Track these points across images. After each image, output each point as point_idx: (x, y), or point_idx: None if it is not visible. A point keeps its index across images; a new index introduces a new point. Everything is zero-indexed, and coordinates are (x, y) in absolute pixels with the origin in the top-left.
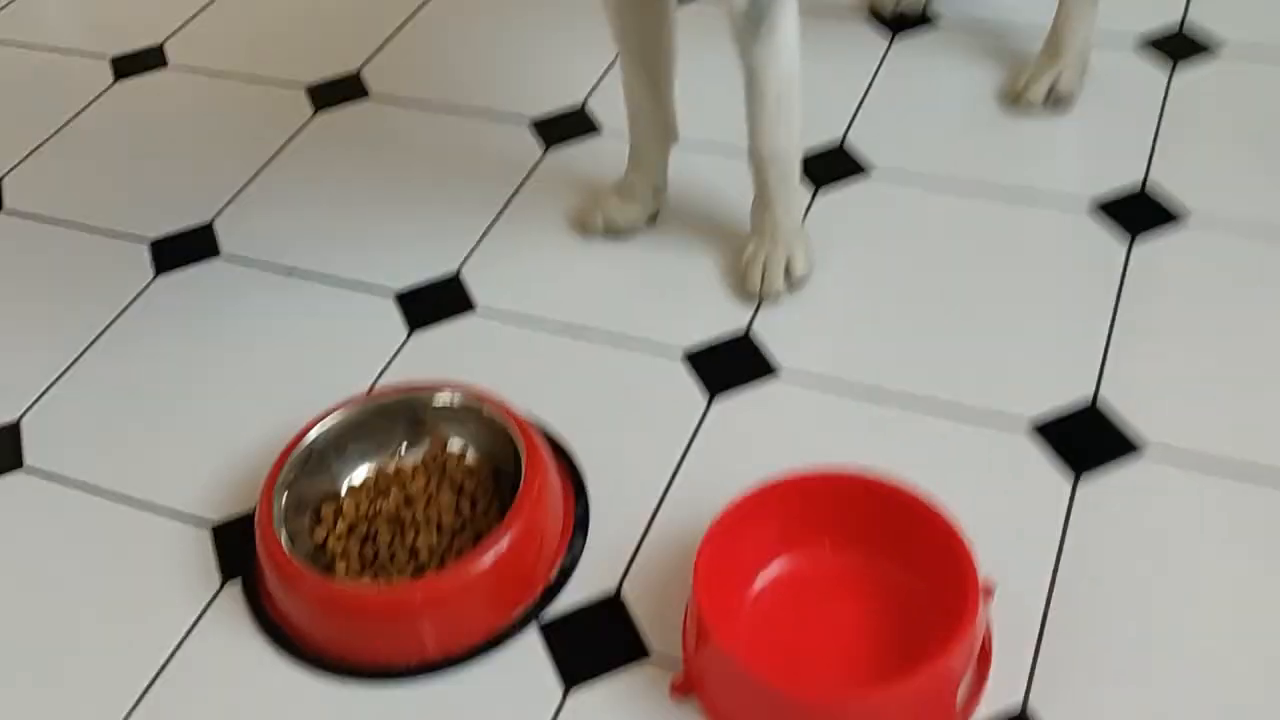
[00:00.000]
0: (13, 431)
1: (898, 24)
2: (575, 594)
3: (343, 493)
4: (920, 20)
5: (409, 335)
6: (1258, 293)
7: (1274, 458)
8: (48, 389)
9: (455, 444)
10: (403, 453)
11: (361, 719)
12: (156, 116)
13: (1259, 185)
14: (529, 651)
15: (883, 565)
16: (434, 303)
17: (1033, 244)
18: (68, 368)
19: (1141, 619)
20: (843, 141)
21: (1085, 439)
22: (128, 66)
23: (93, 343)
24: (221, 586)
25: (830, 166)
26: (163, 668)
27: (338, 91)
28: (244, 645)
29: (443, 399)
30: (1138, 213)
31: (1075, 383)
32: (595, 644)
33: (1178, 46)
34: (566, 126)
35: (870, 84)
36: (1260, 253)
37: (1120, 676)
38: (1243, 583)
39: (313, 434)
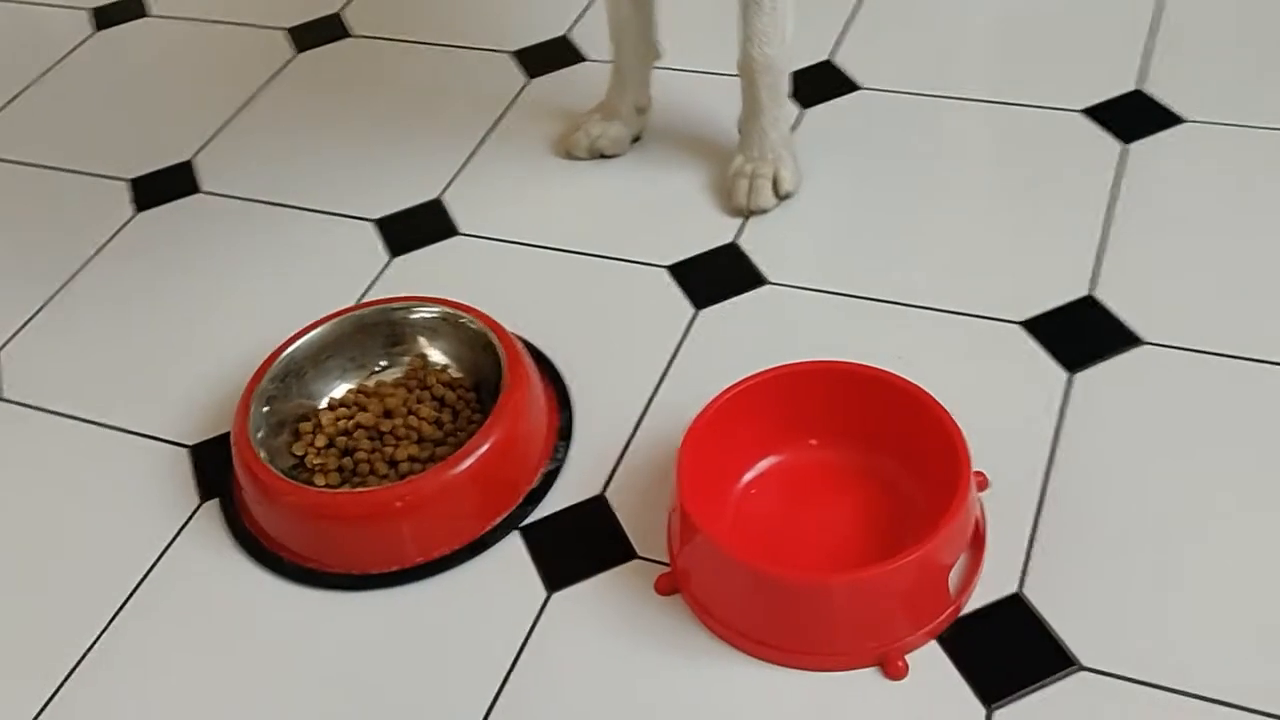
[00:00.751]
0: None
1: None
2: (559, 500)
3: (321, 409)
4: None
5: (390, 260)
6: (1253, 190)
7: (1269, 351)
8: (26, 323)
9: (436, 357)
10: (382, 368)
11: (343, 625)
12: (137, 64)
13: (1254, 83)
14: (512, 556)
15: (873, 459)
16: (415, 228)
17: (1024, 147)
18: (46, 302)
19: (1135, 509)
20: (830, 57)
21: (1080, 333)
22: (108, 16)
23: (72, 277)
24: (200, 505)
25: (818, 83)
26: (140, 582)
27: (319, 33)
28: (223, 559)
29: (422, 312)
30: (1132, 114)
31: (1070, 280)
32: (579, 547)
33: None
34: (549, 56)
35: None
36: (1255, 150)
37: (1114, 564)
38: (1236, 474)
39: (291, 348)
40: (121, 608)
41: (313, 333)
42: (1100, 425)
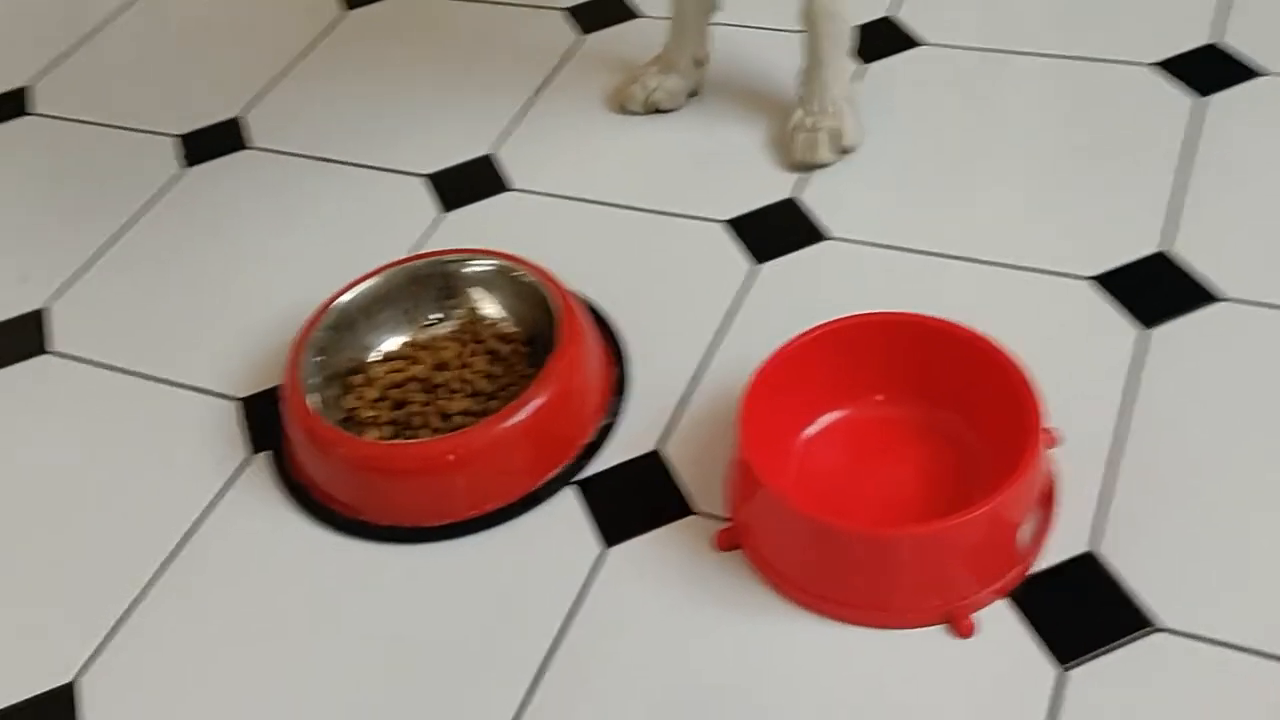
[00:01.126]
0: (36, 318)
1: None
2: (615, 455)
3: (371, 361)
4: None
5: (441, 215)
6: None
7: None
8: (75, 277)
9: (489, 311)
10: (435, 321)
11: (395, 578)
12: (186, 21)
13: None
14: (567, 510)
15: (939, 414)
16: (466, 183)
17: (1093, 102)
18: (95, 257)
19: (1211, 467)
20: (891, 13)
21: (1153, 289)
22: None
23: (121, 232)
24: (249, 458)
25: (879, 40)
26: (189, 533)
27: None
28: (273, 511)
29: (477, 265)
30: (1207, 69)
31: (1141, 235)
32: (635, 502)
33: None
34: (602, 12)
35: None
36: None
37: (1191, 523)
38: None
39: (342, 299)
40: (171, 558)
41: (365, 284)
42: (1175, 382)
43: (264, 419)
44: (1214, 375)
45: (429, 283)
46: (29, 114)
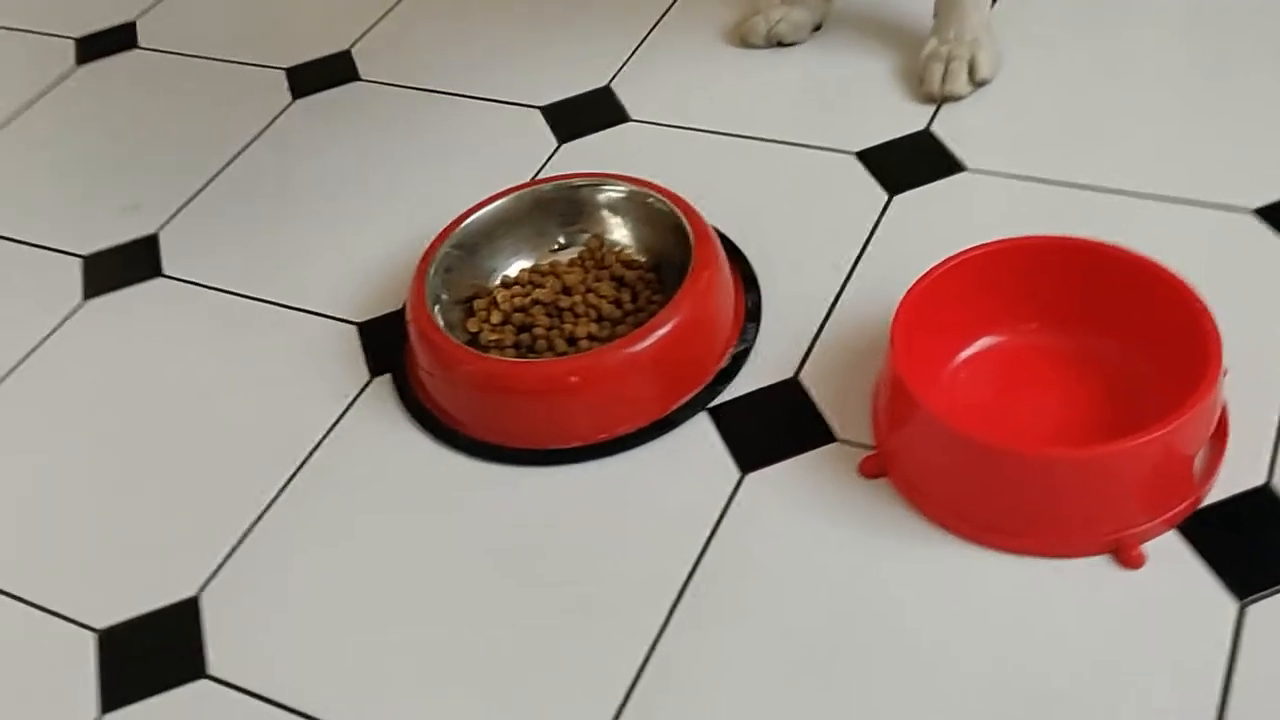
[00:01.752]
0: (150, 242)
1: None
2: (749, 382)
3: (495, 286)
4: None
5: (558, 146)
6: None
7: None
8: (186, 204)
9: (616, 236)
10: (560, 246)
11: (524, 500)
12: None
13: None
14: (701, 436)
15: (1100, 343)
16: (584, 114)
17: (1240, 20)
18: (205, 185)
19: None
20: None
21: None
22: None
23: (230, 162)
24: (370, 381)
25: None
26: (311, 452)
27: None
28: (396, 432)
29: (607, 190)
30: None
31: None
32: (773, 429)
33: None
34: None
35: None
36: None
37: None
38: None
39: (466, 222)
40: (293, 478)
41: (489, 207)
42: None
43: (383, 343)
44: None
45: (554, 208)
46: (137, 48)
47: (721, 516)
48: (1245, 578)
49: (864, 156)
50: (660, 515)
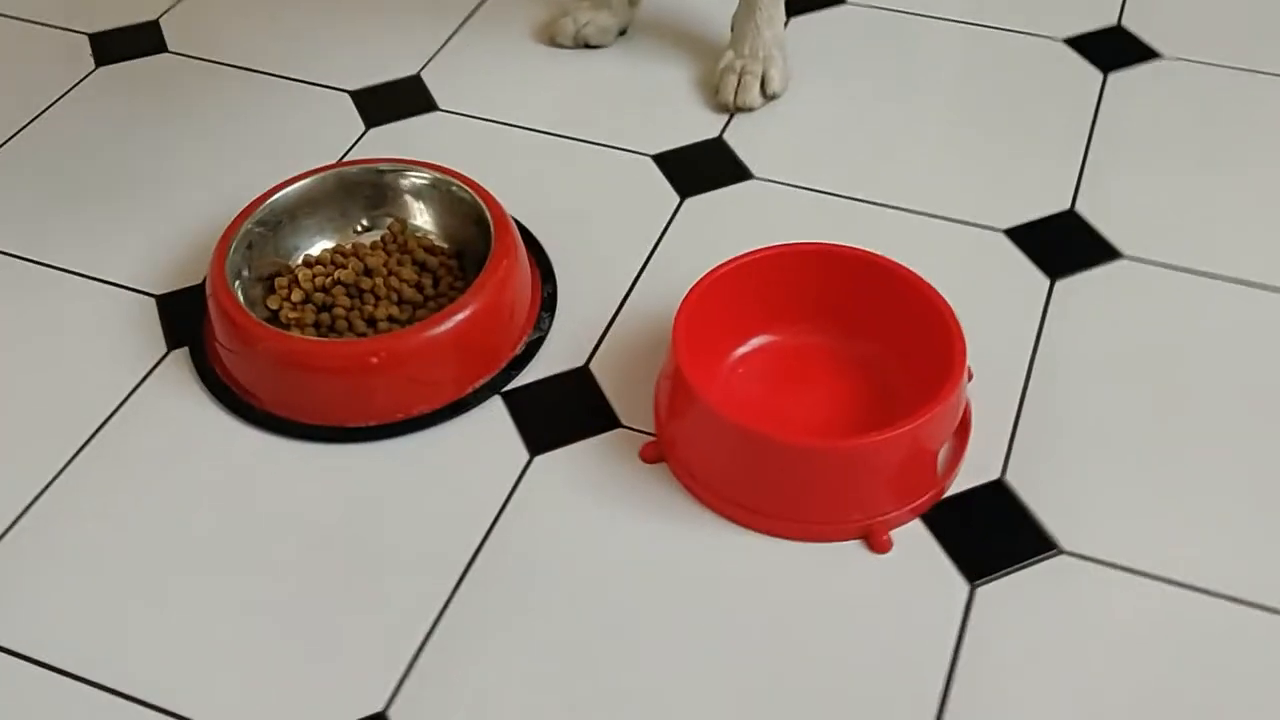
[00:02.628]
0: None
1: None
2: (542, 368)
3: (296, 265)
4: None
5: (366, 131)
6: (1227, 123)
7: (1237, 269)
8: None
9: (419, 222)
10: (363, 228)
11: (318, 476)
12: None
13: (1230, 25)
14: (494, 419)
15: (862, 344)
16: (393, 101)
17: (1010, 71)
18: None
19: (1114, 405)
20: None
21: (1061, 244)
22: None
23: (26, 126)
24: (167, 354)
25: None
26: (103, 425)
27: None
28: (192, 405)
29: (409, 175)
30: (1112, 48)
31: (1052, 196)
32: (562, 414)
33: None
34: None
35: None
36: (1230, 87)
37: (1091, 457)
38: (1207, 377)
39: (271, 199)
40: (83, 448)
41: (293, 186)
42: (1081, 327)
43: (181, 316)
44: (1115, 324)
45: (359, 190)
46: None
47: (509, 496)
48: (977, 563)
49: (660, 159)
50: (450, 493)
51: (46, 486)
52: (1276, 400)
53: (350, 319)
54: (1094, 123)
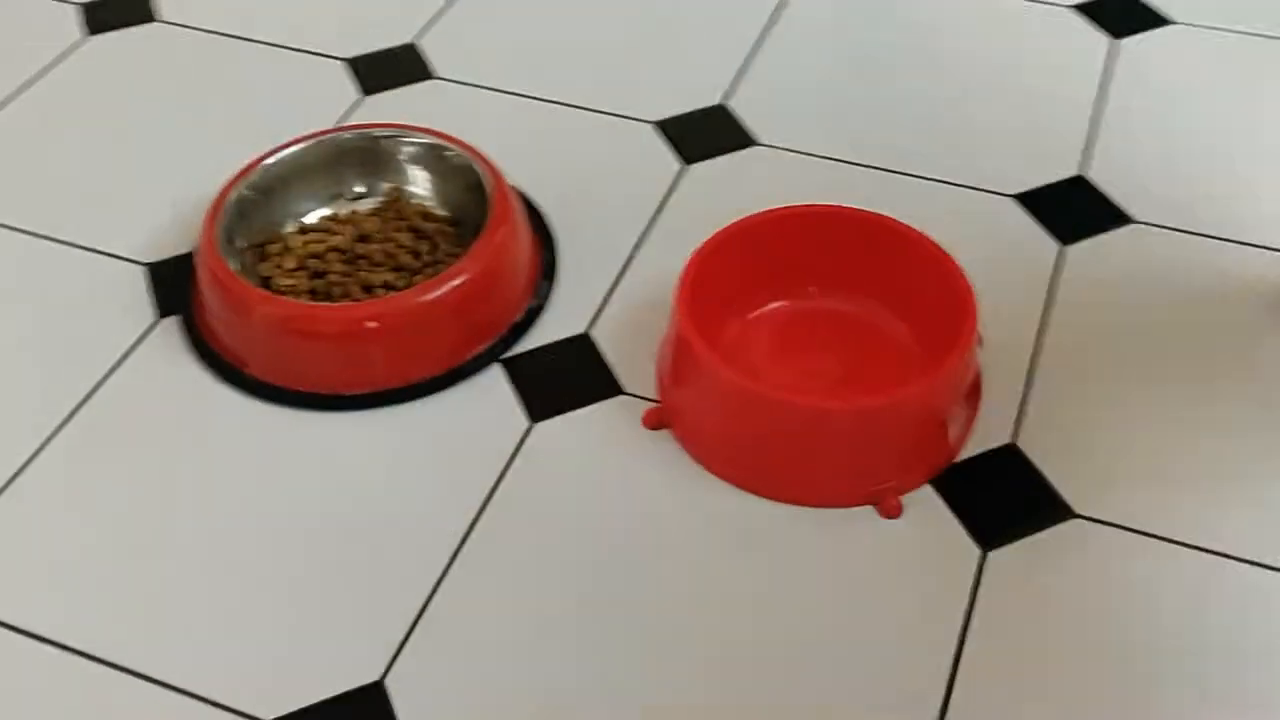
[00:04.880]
0: None
1: None
2: (543, 335)
3: (289, 232)
4: None
5: (361, 98)
6: (1237, 88)
7: (1246, 232)
8: None
9: (416, 189)
10: (358, 195)
11: (313, 444)
12: None
13: None
14: (494, 386)
15: (873, 309)
16: (389, 69)
17: (1014, 41)
18: None
19: (1122, 373)
20: None
21: (1071, 209)
22: None
23: (13, 97)
24: (157, 321)
25: None
26: (93, 391)
27: None
28: (184, 373)
29: (406, 141)
30: (1122, 13)
31: (1061, 162)
32: (563, 381)
33: None
34: None
35: None
36: (1241, 51)
37: (1103, 421)
38: (1219, 339)
39: (266, 162)
40: (72, 414)
41: (287, 151)
42: (1092, 292)
43: (171, 284)
44: (1124, 289)
45: (354, 156)
46: None
47: (509, 464)
48: (990, 528)
49: (662, 125)
50: (448, 462)
51: (35, 454)
52: None
53: (346, 285)
54: (1103, 88)
